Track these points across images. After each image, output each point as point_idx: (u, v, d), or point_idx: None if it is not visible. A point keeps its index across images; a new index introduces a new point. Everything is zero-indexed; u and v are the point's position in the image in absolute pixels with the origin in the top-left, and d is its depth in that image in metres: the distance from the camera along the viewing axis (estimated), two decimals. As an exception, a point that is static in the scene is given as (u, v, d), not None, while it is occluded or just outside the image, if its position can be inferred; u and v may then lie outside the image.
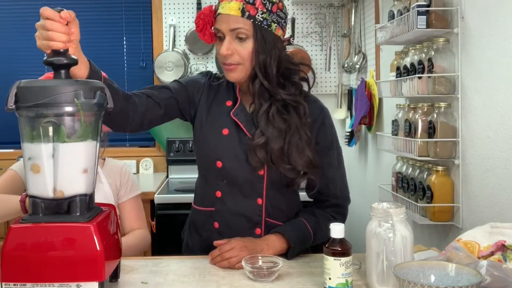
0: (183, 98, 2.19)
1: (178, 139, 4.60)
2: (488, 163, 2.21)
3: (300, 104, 2.10)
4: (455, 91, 2.46)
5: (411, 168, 2.78)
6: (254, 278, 1.84)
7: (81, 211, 1.58)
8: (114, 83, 1.93)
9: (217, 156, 2.13)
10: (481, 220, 2.21)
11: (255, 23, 2.01)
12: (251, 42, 2.03)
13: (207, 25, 2.09)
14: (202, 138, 2.18)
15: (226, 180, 2.15)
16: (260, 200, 2.14)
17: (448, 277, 1.54)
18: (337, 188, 2.21)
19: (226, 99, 2.20)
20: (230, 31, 2.01)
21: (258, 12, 2.01)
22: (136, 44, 4.84)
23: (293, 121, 2.06)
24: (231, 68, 2.06)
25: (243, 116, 2.15)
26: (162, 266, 1.99)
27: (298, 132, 2.06)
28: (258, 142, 2.04)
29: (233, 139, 2.13)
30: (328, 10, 4.64)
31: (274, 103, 2.08)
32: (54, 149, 1.54)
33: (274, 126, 2.05)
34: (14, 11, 4.77)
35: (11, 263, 1.51)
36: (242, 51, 2.03)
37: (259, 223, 2.15)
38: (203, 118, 2.19)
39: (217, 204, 2.17)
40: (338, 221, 2.07)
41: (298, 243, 2.08)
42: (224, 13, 2.02)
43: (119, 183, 2.67)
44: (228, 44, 2.02)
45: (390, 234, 1.63)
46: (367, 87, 3.80)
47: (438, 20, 2.50)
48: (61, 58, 1.60)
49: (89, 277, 1.53)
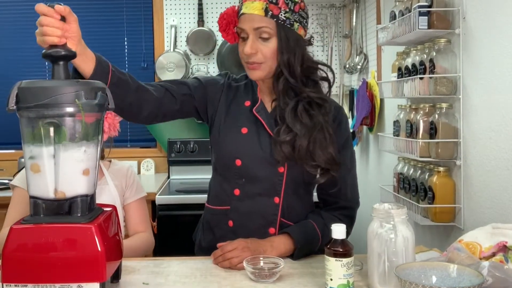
0: (200, 96, 2.20)
1: (179, 140, 4.60)
2: (490, 163, 2.21)
3: (326, 102, 2.11)
4: (456, 91, 2.46)
5: (413, 168, 2.78)
6: (255, 279, 1.83)
7: (82, 212, 1.58)
8: (125, 74, 1.95)
9: (236, 155, 2.14)
10: (482, 221, 2.21)
11: (278, 22, 2.02)
12: (275, 41, 2.04)
13: (230, 24, 2.10)
14: (220, 137, 2.19)
15: (245, 179, 2.15)
16: (278, 199, 2.13)
17: (449, 278, 1.54)
18: (347, 189, 2.21)
19: (245, 99, 2.21)
20: (254, 30, 2.03)
21: (281, 11, 2.02)
22: (137, 45, 4.85)
23: (319, 119, 2.07)
24: (254, 67, 2.07)
25: (264, 114, 2.16)
26: (163, 267, 1.99)
27: (323, 130, 2.06)
28: (285, 138, 2.04)
29: (252, 138, 2.14)
30: (329, 10, 4.63)
31: (300, 100, 2.08)
32: (55, 150, 1.54)
33: (302, 123, 2.05)
34: (16, 12, 4.76)
35: (12, 264, 1.51)
36: (266, 50, 2.04)
37: (274, 222, 2.14)
38: (221, 118, 2.20)
39: (233, 202, 2.17)
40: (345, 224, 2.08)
41: (305, 244, 2.08)
42: (248, 13, 2.03)
43: (125, 185, 2.67)
44: (252, 43, 2.04)
45: (392, 235, 1.63)
46: (368, 87, 3.80)
47: (439, 20, 2.50)
48: (59, 49, 1.60)
49: (90, 278, 1.53)
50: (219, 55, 4.58)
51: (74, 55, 1.65)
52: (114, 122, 2.54)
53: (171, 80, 2.22)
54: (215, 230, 2.21)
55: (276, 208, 2.14)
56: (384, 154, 3.51)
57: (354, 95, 4.20)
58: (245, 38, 2.06)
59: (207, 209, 2.30)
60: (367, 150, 4.13)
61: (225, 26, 2.11)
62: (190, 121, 4.71)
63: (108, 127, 2.47)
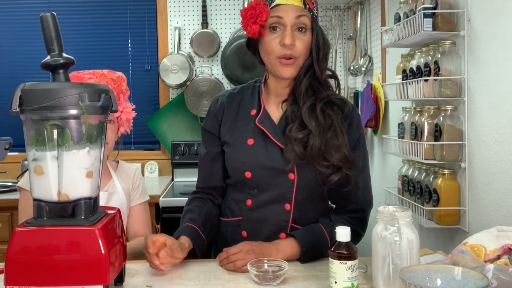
0: (218, 130, 2.22)
1: (183, 142, 4.61)
2: (495, 166, 2.20)
3: (345, 104, 2.10)
4: (461, 94, 2.45)
5: (417, 171, 2.77)
6: (259, 282, 1.83)
7: (85, 214, 1.57)
8: (208, 225, 2.19)
9: (245, 167, 2.12)
10: (487, 224, 2.21)
11: (313, 17, 2.03)
12: (309, 35, 2.03)
13: (262, 14, 2.01)
14: (228, 149, 2.18)
15: (257, 189, 2.14)
16: (288, 206, 2.11)
17: (454, 281, 1.53)
18: (359, 190, 2.16)
19: (251, 107, 2.18)
20: (295, 18, 2.00)
21: (314, 6, 2.03)
22: (141, 47, 4.85)
23: (333, 119, 2.05)
24: (290, 63, 2.03)
25: (268, 123, 2.12)
26: (167, 270, 1.98)
27: (336, 130, 2.03)
28: (298, 136, 2.02)
29: (259, 149, 2.11)
30: (334, 12, 4.63)
31: (318, 100, 2.06)
32: (58, 152, 1.54)
33: (317, 121, 2.03)
34: (19, 15, 4.78)
35: (15, 266, 1.51)
36: (301, 44, 2.01)
37: (285, 228, 2.13)
38: (229, 131, 2.18)
39: (245, 212, 2.17)
40: (355, 227, 2.07)
41: (312, 247, 2.05)
42: (288, 3, 2.00)
43: (131, 187, 2.65)
44: (291, 33, 2.00)
45: (396, 237, 1.62)
46: (373, 90, 3.80)
47: (444, 22, 2.49)
48: (56, 58, 1.59)
49: (94, 280, 1.52)
50: (223, 57, 4.57)
51: (72, 62, 1.63)
52: (129, 118, 2.51)
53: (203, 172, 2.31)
54: (230, 242, 2.17)
55: (287, 214, 2.12)
56: (389, 156, 3.50)
57: (359, 97, 4.20)
58: (278, 30, 2.02)
59: (221, 222, 2.28)
60: (371, 152, 4.12)
61: (255, 17, 2.02)
62: (194, 124, 4.72)
63: (125, 120, 2.46)
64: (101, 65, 3.42)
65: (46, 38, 1.60)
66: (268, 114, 2.15)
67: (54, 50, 1.60)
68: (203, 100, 4.57)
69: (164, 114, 4.77)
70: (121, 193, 2.54)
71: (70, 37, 4.55)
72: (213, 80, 4.60)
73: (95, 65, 4.52)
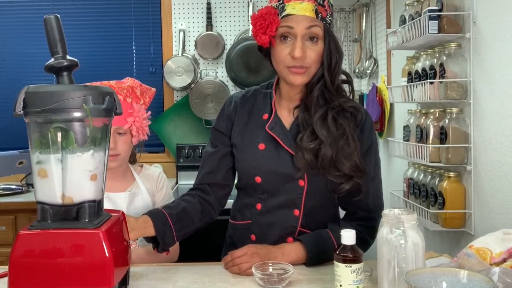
0: (230, 131, 2.21)
1: (187, 145, 4.60)
2: (501, 169, 2.20)
3: (359, 112, 2.08)
4: (467, 96, 2.44)
5: (423, 174, 2.76)
6: (264, 285, 1.82)
7: (89, 217, 1.57)
8: (183, 218, 2.13)
9: (255, 172, 2.11)
10: (493, 227, 2.20)
11: (326, 25, 2.00)
12: (321, 45, 2.00)
13: (272, 25, 1.97)
14: (239, 154, 2.16)
15: (267, 194, 2.13)
16: (298, 212, 2.10)
17: (460, 284, 1.52)
18: (369, 198, 2.13)
19: (263, 112, 2.16)
20: (306, 29, 1.96)
21: (327, 14, 2.01)
22: (145, 49, 4.83)
23: (345, 127, 2.02)
24: (301, 72, 2.00)
25: (279, 129, 2.10)
26: (172, 273, 1.98)
27: (348, 139, 2.01)
28: (309, 145, 2.00)
29: (270, 154, 2.09)
30: (339, 15, 4.62)
31: (331, 109, 2.04)
32: (62, 155, 1.54)
33: (329, 131, 2.00)
34: (23, 16, 4.77)
35: (19, 270, 1.51)
36: (313, 54, 1.98)
37: (293, 232, 2.12)
38: (240, 133, 2.17)
39: (254, 216, 2.16)
40: (364, 235, 2.05)
41: (317, 253, 2.04)
42: (299, 14, 1.96)
43: (155, 188, 2.64)
44: (302, 45, 1.97)
45: (402, 240, 1.62)
46: (378, 92, 3.79)
47: (450, 24, 2.48)
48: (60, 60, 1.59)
49: (98, 284, 1.52)
50: (228, 59, 4.56)
51: (76, 64, 1.63)
52: (142, 126, 2.49)
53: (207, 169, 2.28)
54: (239, 245, 2.16)
55: (295, 220, 2.11)
56: (394, 159, 3.50)
57: (364, 99, 4.19)
58: (288, 40, 1.99)
59: (231, 224, 2.30)
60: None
61: (265, 27, 1.98)
62: (199, 126, 4.71)
63: (136, 131, 2.43)
64: (105, 67, 3.42)
65: (50, 41, 1.60)
66: (279, 120, 2.13)
67: (58, 53, 1.59)
68: (208, 102, 4.56)
69: (169, 116, 4.76)
70: (145, 194, 2.54)
71: (74, 39, 4.52)
72: (218, 82, 4.59)
73: (99, 68, 4.55)
